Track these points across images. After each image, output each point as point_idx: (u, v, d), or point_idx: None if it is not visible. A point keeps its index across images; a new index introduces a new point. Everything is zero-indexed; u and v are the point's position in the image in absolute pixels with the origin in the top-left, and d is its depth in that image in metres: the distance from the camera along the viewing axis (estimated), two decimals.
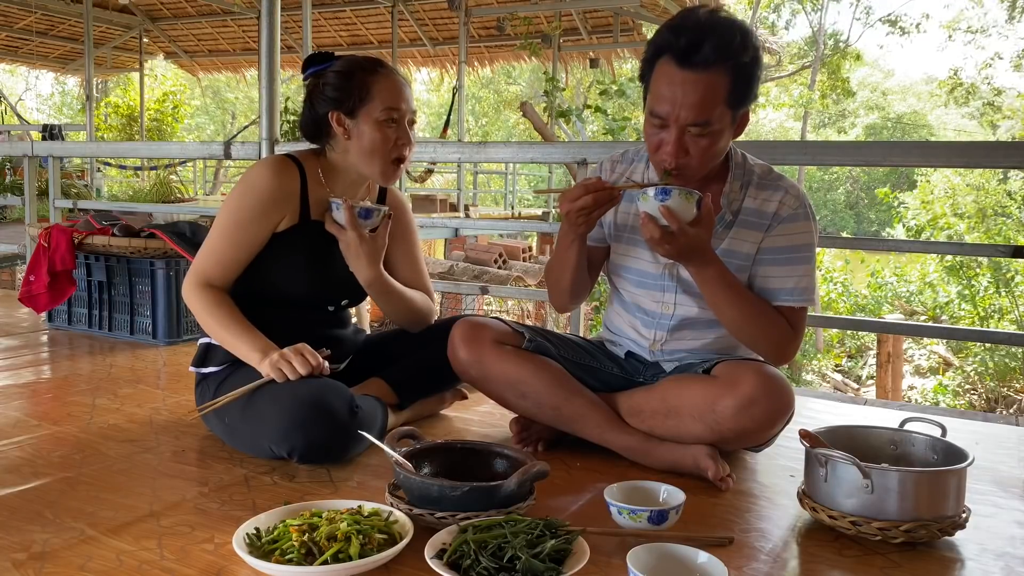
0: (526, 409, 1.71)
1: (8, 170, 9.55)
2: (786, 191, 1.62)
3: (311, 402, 1.54)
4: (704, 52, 1.43)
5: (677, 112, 1.47)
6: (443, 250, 10.81)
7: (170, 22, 12.74)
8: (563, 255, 1.66)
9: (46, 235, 2.87)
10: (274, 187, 1.73)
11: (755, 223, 1.62)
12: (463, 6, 9.64)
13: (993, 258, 9.79)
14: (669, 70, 1.47)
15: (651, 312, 1.72)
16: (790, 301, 1.60)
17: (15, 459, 1.64)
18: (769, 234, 1.61)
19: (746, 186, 1.63)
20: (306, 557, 1.14)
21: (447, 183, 14.75)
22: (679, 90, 1.46)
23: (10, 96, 18.15)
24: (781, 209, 1.61)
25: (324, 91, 1.74)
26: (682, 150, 1.50)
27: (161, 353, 2.72)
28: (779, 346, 1.60)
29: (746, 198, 1.63)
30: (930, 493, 1.29)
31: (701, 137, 1.49)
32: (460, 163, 9.81)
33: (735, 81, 1.47)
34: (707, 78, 1.45)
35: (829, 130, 28.88)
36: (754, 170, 1.65)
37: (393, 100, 1.72)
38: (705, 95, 1.45)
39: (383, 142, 1.72)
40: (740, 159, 1.66)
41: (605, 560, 1.20)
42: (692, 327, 1.69)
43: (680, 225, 1.43)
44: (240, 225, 1.73)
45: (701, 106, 1.45)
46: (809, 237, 1.62)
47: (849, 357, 12.44)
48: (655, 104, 1.50)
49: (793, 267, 1.60)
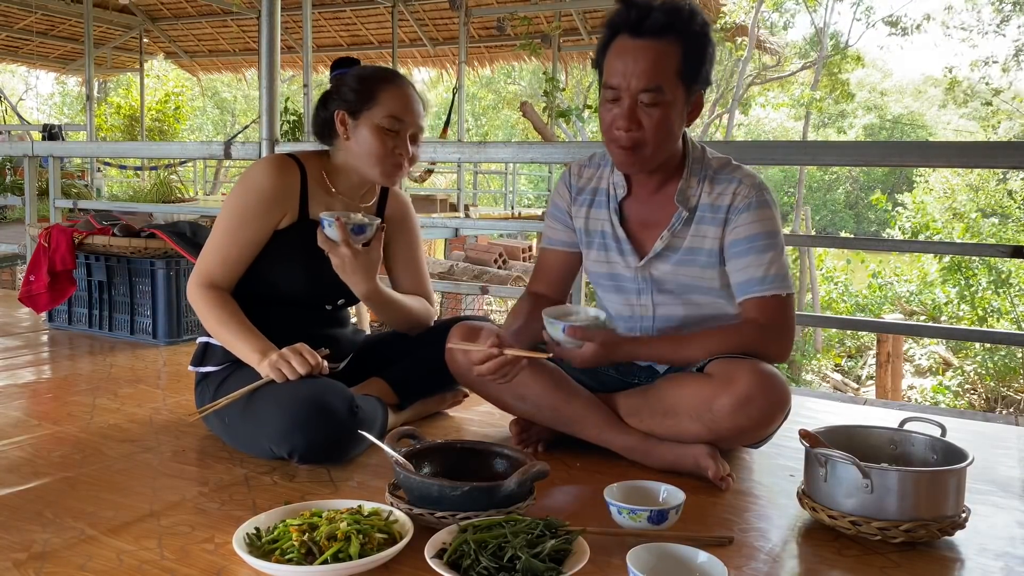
0: (525, 411, 1.71)
1: (8, 170, 9.55)
2: (739, 182, 1.61)
3: (311, 403, 1.54)
4: (654, 18, 1.49)
5: (628, 81, 1.51)
6: (443, 250, 10.81)
7: (170, 22, 12.74)
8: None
9: (46, 235, 2.87)
10: (275, 184, 1.73)
11: (711, 218, 1.62)
12: (463, 6, 9.64)
13: (990, 259, 9.79)
14: (622, 43, 1.53)
15: (631, 317, 1.73)
16: (761, 291, 1.58)
17: (15, 459, 1.64)
18: (728, 227, 1.61)
19: (702, 181, 1.63)
20: (306, 557, 1.14)
21: (447, 183, 14.75)
22: (630, 58, 1.50)
23: (10, 96, 18.16)
24: (735, 200, 1.60)
25: (338, 91, 1.77)
26: (634, 121, 1.52)
27: (161, 353, 2.72)
28: (761, 346, 1.58)
29: (702, 194, 1.63)
30: (930, 493, 1.30)
31: (654, 107, 1.51)
32: (460, 163, 9.81)
33: (686, 52, 1.52)
34: (658, 45, 1.50)
35: (829, 130, 28.89)
36: (711, 163, 1.65)
37: (397, 109, 1.72)
38: (656, 60, 1.50)
39: (378, 148, 1.72)
40: (699, 153, 1.66)
41: (605, 560, 1.20)
42: (679, 325, 1.69)
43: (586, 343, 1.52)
44: (242, 223, 1.73)
45: (653, 72, 1.50)
46: (769, 224, 1.60)
47: (849, 357, 12.44)
48: (608, 78, 1.54)
49: (757, 256, 1.58)
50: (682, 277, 1.66)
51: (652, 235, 1.66)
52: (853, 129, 28.80)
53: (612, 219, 1.70)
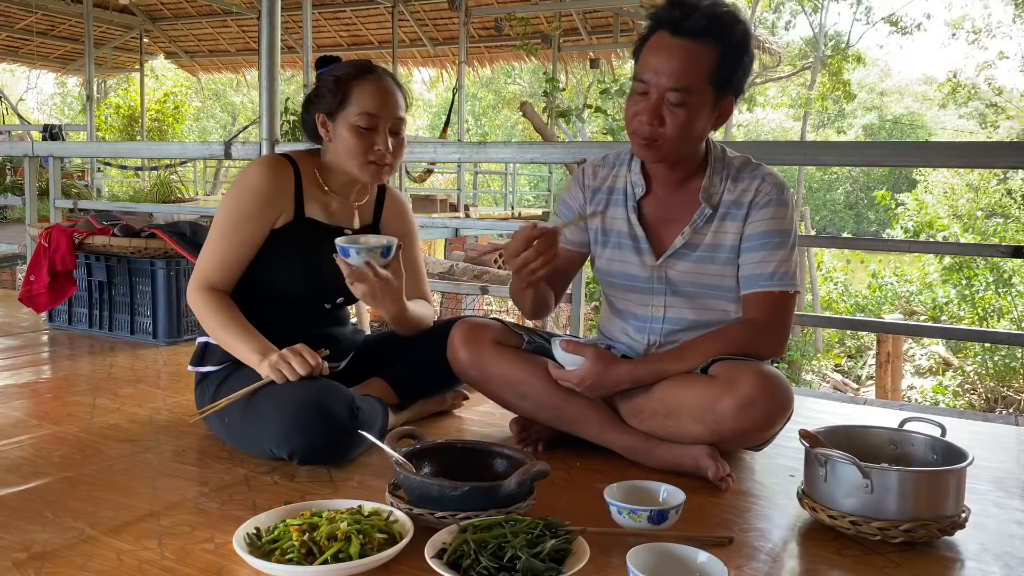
0: (526, 410, 1.71)
1: (9, 170, 9.55)
2: (763, 179, 1.63)
3: (312, 404, 1.54)
4: (695, 19, 1.50)
5: (659, 77, 1.52)
6: (443, 250, 10.80)
7: (170, 22, 12.74)
8: (519, 296, 1.72)
9: (46, 235, 2.87)
10: (268, 183, 1.74)
11: (735, 214, 1.63)
12: (463, 6, 9.64)
13: (991, 259, 9.79)
14: (660, 39, 1.53)
15: (641, 316, 1.73)
16: (770, 287, 1.60)
17: (15, 459, 1.64)
18: (747, 222, 1.62)
19: (725, 179, 1.65)
20: (306, 557, 1.14)
21: (447, 183, 14.74)
22: (664, 54, 1.51)
23: (11, 96, 18.15)
24: (757, 197, 1.62)
25: (317, 93, 1.78)
26: (657, 117, 1.53)
27: (161, 353, 2.72)
28: (754, 343, 1.59)
29: (725, 191, 1.64)
30: (930, 493, 1.30)
31: (679, 108, 1.52)
32: (460, 163, 9.82)
33: (721, 58, 1.52)
34: (694, 46, 1.51)
35: (828, 130, 28.88)
36: (733, 163, 1.66)
37: (370, 105, 1.72)
38: (689, 61, 1.50)
39: (356, 146, 1.72)
40: (719, 153, 1.68)
41: (605, 560, 1.20)
42: (686, 328, 1.69)
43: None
44: (238, 224, 1.73)
45: (683, 72, 1.50)
46: (785, 223, 1.62)
47: (849, 357, 12.42)
48: (640, 71, 1.55)
49: (771, 252, 1.60)
50: (698, 277, 1.66)
51: (671, 232, 1.67)
52: (853, 129, 28.80)
53: (630, 217, 1.70)
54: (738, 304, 1.66)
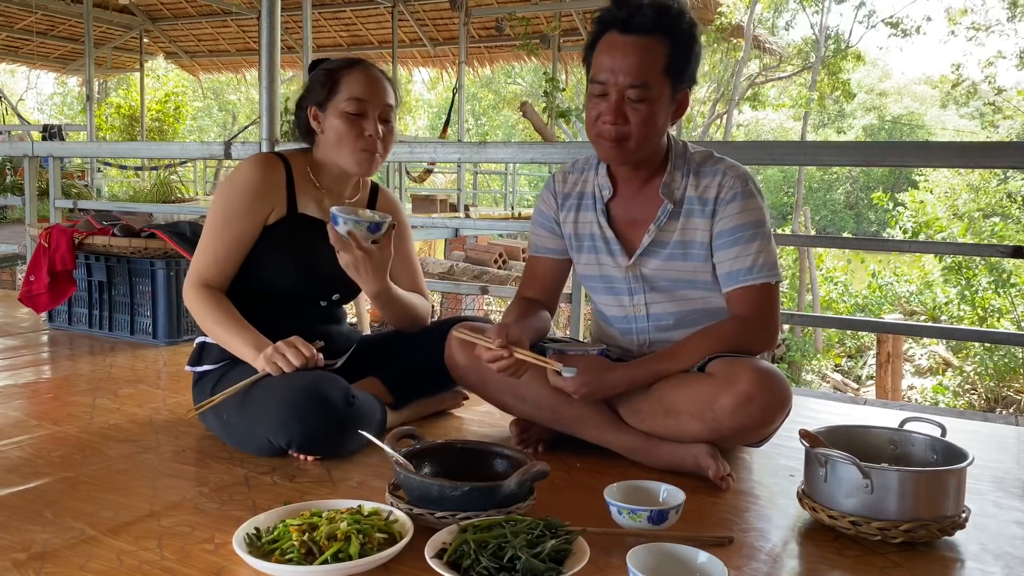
0: (525, 412, 1.71)
1: (8, 170, 9.55)
2: (724, 173, 1.63)
3: (307, 391, 1.56)
4: (643, 15, 1.51)
5: (616, 76, 1.53)
6: (443, 250, 10.81)
7: (170, 22, 12.75)
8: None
9: (46, 235, 2.87)
10: (258, 180, 1.76)
11: (699, 210, 1.63)
12: (463, 6, 9.65)
13: (991, 258, 9.79)
14: (611, 39, 1.55)
15: (625, 318, 1.74)
16: (751, 280, 1.60)
17: (15, 459, 1.64)
18: (715, 219, 1.62)
19: (687, 175, 1.65)
20: (306, 557, 1.14)
21: (447, 183, 14.75)
22: (619, 53, 1.53)
23: (11, 96, 18.15)
24: (721, 192, 1.62)
25: (309, 88, 1.81)
26: (620, 115, 1.54)
27: (161, 353, 2.72)
28: (745, 340, 1.59)
29: (687, 187, 1.65)
30: (930, 493, 1.29)
31: (640, 104, 1.53)
32: (460, 163, 9.81)
33: (673, 50, 1.54)
34: (646, 42, 1.52)
35: (828, 130, 28.89)
36: (694, 158, 1.67)
37: (359, 91, 1.74)
38: (644, 57, 1.52)
39: (347, 133, 1.74)
40: (680, 149, 1.68)
41: (605, 560, 1.20)
42: (674, 323, 1.70)
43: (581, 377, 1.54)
44: (228, 221, 1.75)
45: (639, 67, 1.52)
46: (756, 214, 1.61)
47: (849, 357, 12.43)
48: (596, 73, 1.56)
49: (745, 246, 1.60)
50: (672, 273, 1.66)
51: (639, 232, 1.68)
52: (852, 130, 28.81)
53: (599, 220, 1.71)
54: (718, 292, 1.67)
